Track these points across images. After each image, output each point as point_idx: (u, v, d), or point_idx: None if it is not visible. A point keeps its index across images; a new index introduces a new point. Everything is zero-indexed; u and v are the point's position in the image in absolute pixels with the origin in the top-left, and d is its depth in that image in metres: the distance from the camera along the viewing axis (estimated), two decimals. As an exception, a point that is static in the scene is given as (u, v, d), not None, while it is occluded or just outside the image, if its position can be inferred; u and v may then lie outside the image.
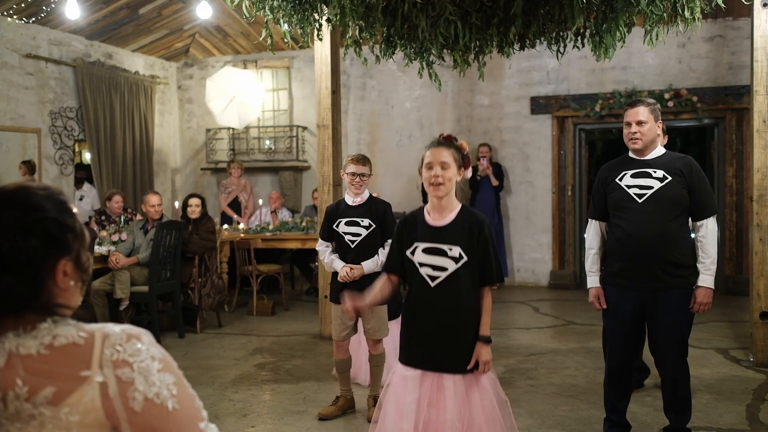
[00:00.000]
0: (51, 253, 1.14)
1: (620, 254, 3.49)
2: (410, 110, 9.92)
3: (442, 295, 2.86)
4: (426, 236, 2.90)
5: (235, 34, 9.99)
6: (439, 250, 2.86)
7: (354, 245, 4.18)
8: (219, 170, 10.62)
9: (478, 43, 4.57)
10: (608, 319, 3.61)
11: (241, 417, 4.27)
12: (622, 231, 3.47)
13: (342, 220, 4.22)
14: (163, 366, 1.12)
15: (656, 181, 3.41)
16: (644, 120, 3.43)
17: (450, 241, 2.86)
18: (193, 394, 1.15)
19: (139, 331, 1.14)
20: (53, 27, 8.55)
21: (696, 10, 4.06)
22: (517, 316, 7.38)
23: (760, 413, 4.19)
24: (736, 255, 8.57)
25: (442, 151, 2.87)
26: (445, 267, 2.85)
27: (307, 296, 8.72)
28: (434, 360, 2.87)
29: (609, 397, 3.67)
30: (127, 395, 1.08)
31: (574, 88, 9.15)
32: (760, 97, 5.19)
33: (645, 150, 3.48)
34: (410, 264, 2.93)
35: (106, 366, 1.08)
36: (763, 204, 5.21)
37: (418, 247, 2.91)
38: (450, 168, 2.86)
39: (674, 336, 3.46)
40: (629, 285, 3.46)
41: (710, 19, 8.44)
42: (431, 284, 2.87)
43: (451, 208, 2.91)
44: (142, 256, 6.33)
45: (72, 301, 1.18)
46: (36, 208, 1.14)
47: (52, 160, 8.66)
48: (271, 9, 4.24)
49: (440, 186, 2.84)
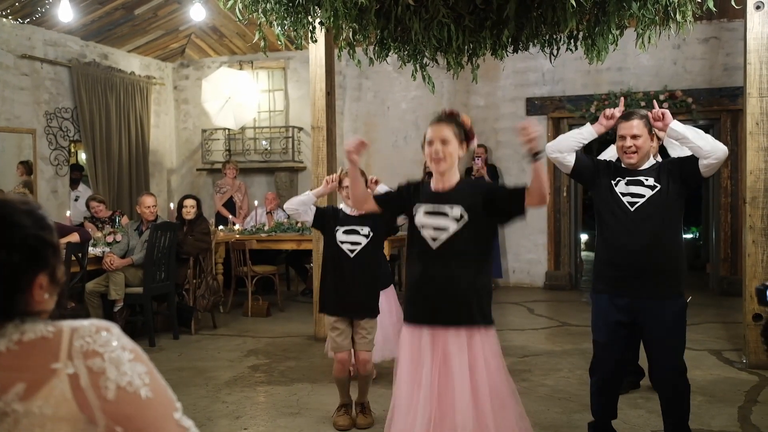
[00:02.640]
0: (30, 268, 1.16)
1: (611, 263, 3.45)
2: (406, 111, 9.93)
3: (443, 256, 2.91)
4: (428, 199, 2.99)
5: (231, 35, 9.99)
6: (440, 212, 2.93)
7: (353, 255, 4.10)
8: (215, 171, 10.62)
9: (472, 46, 4.57)
10: (598, 331, 3.53)
11: (234, 419, 4.27)
12: (613, 240, 3.44)
13: (340, 228, 4.14)
14: (134, 356, 1.13)
15: (647, 189, 3.38)
16: (638, 134, 3.40)
17: (451, 202, 2.92)
18: (165, 385, 1.16)
19: (108, 324, 1.16)
20: (48, 27, 8.54)
21: (687, 14, 4.07)
22: (511, 317, 7.39)
23: (752, 415, 4.20)
24: (731, 256, 8.58)
25: (442, 127, 2.95)
26: (446, 227, 2.91)
27: (303, 297, 8.72)
28: (437, 316, 2.91)
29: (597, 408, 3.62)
30: (99, 384, 1.09)
31: (569, 89, 9.16)
32: (753, 100, 5.21)
33: (638, 164, 3.45)
34: (413, 226, 2.99)
35: (77, 357, 1.09)
36: (756, 206, 5.22)
37: (420, 209, 2.97)
38: (450, 143, 2.93)
39: (666, 350, 3.40)
40: (620, 293, 3.41)
41: (705, 20, 8.46)
42: (432, 246, 2.92)
43: (454, 180, 3.00)
44: (136, 258, 6.33)
45: (44, 308, 1.20)
46: (18, 224, 1.16)
47: (48, 160, 8.65)
48: (264, 12, 4.24)
49: (441, 161, 2.92)
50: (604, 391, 3.58)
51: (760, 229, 5.22)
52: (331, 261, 4.18)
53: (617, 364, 3.55)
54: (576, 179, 3.90)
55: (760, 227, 5.22)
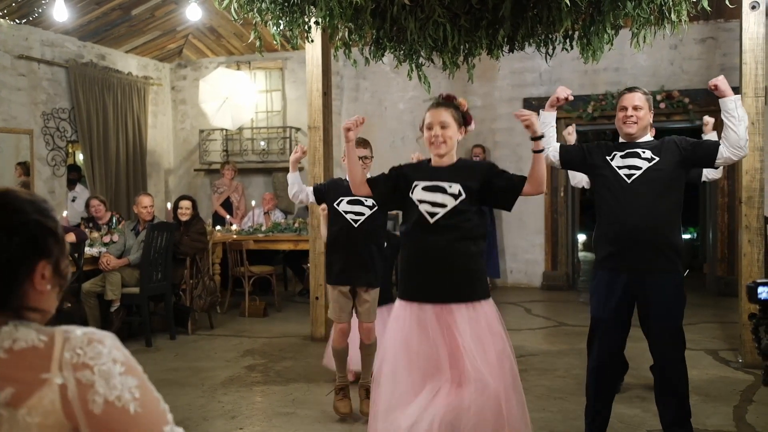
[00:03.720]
0: (31, 255, 1.16)
1: (609, 237, 3.43)
2: (403, 111, 9.93)
3: (440, 231, 2.95)
4: (426, 176, 3.03)
5: (229, 36, 9.99)
6: (439, 188, 2.97)
7: (357, 224, 4.11)
8: (212, 171, 10.61)
9: (467, 46, 4.58)
10: (597, 307, 3.48)
11: (230, 419, 4.27)
12: (611, 213, 3.42)
13: (344, 198, 4.14)
14: (125, 369, 1.11)
15: (644, 162, 3.36)
16: (640, 105, 3.42)
17: (449, 179, 2.96)
18: (158, 397, 1.15)
19: (102, 335, 1.14)
20: (45, 28, 8.53)
21: (682, 13, 4.08)
22: (509, 317, 7.39)
23: (747, 414, 4.21)
24: (728, 257, 8.58)
25: (441, 111, 3.03)
26: (444, 204, 2.94)
27: (300, 297, 8.71)
28: (437, 292, 2.93)
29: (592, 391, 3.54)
30: (86, 398, 1.07)
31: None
32: (748, 99, 5.22)
33: (637, 135, 3.45)
34: (410, 202, 3.02)
35: (66, 369, 1.08)
36: (751, 206, 5.23)
37: (418, 185, 3.01)
38: (449, 127, 3.00)
39: (667, 325, 3.36)
40: (619, 267, 3.37)
41: (702, 20, 8.47)
42: (430, 221, 2.96)
43: (453, 161, 3.07)
44: (133, 258, 6.32)
45: (47, 305, 1.19)
46: (19, 210, 1.16)
47: (45, 161, 8.64)
48: (259, 11, 4.25)
49: (441, 144, 2.99)
50: (601, 370, 3.51)
51: (755, 228, 5.22)
52: (336, 232, 4.20)
53: (616, 343, 3.49)
54: (571, 168, 3.94)
55: (755, 227, 5.22)
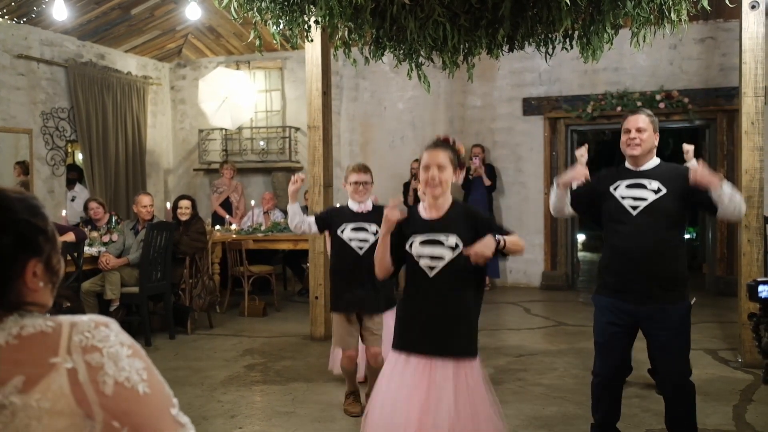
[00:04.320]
0: (21, 253, 1.16)
1: (614, 269, 3.42)
2: (403, 111, 9.93)
3: (439, 284, 2.98)
4: (422, 229, 3.03)
5: (228, 35, 9.99)
6: (436, 241, 2.98)
7: (363, 252, 4.10)
8: (212, 171, 10.61)
9: (467, 45, 4.58)
10: (600, 332, 3.49)
11: (230, 418, 4.27)
12: (616, 245, 3.40)
13: (348, 225, 4.15)
14: (132, 352, 1.14)
15: (651, 193, 3.32)
16: (644, 127, 3.37)
17: (446, 231, 2.98)
18: (162, 381, 1.16)
19: (107, 320, 1.16)
20: (45, 27, 8.53)
21: (682, 13, 4.07)
22: (508, 317, 7.39)
23: (746, 414, 4.21)
24: (728, 256, 8.59)
25: (438, 153, 3.00)
26: (442, 256, 2.97)
27: (299, 297, 8.71)
28: (428, 344, 2.96)
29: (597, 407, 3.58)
30: (97, 379, 1.09)
31: (566, 89, 9.17)
32: (748, 99, 5.22)
33: (642, 158, 3.40)
34: (409, 257, 3.04)
35: (75, 352, 1.10)
36: (751, 205, 5.22)
37: (416, 239, 3.02)
38: (446, 170, 2.99)
39: (671, 355, 3.35)
40: (623, 299, 3.36)
41: (701, 20, 8.48)
42: (429, 274, 2.98)
43: (447, 206, 3.05)
44: (132, 257, 6.32)
45: (42, 300, 1.20)
46: (8, 209, 1.17)
47: (44, 160, 8.64)
48: (258, 10, 4.24)
49: (437, 187, 2.98)
50: (605, 393, 3.54)
51: (755, 228, 5.22)
52: (341, 259, 4.19)
53: (619, 365, 3.51)
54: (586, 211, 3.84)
55: (755, 226, 5.22)
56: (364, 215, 4.19)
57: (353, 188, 4.19)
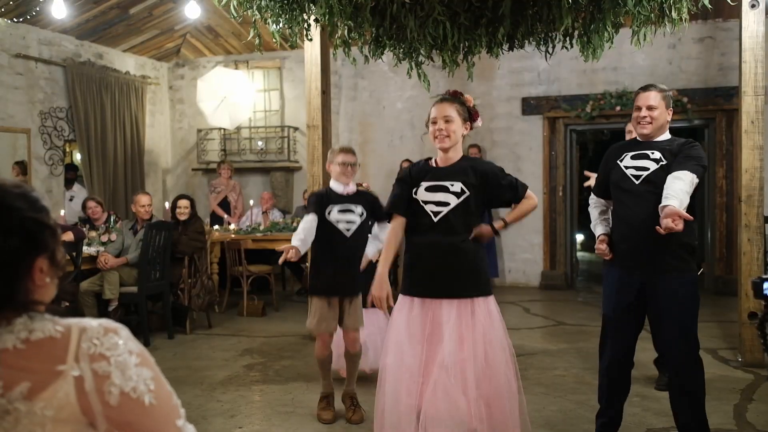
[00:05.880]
0: (29, 252, 1.14)
1: (621, 237, 3.41)
2: (401, 111, 9.92)
3: (443, 229, 3.05)
4: (430, 177, 3.12)
5: (227, 35, 9.98)
6: (442, 187, 3.07)
7: (350, 234, 4.06)
8: (210, 171, 10.59)
9: (467, 44, 4.57)
10: (609, 305, 3.47)
11: (229, 417, 4.26)
12: (621, 214, 3.41)
13: (335, 207, 4.07)
14: (140, 361, 1.11)
15: (653, 163, 3.33)
16: (655, 105, 3.35)
17: (451, 178, 3.07)
18: (170, 391, 1.14)
19: (117, 326, 1.13)
20: (43, 27, 8.51)
21: (683, 11, 4.07)
22: (507, 316, 7.32)
23: (747, 413, 4.20)
24: (726, 256, 8.60)
25: (445, 106, 3.10)
26: (447, 202, 3.05)
27: (298, 297, 8.71)
28: (435, 288, 3.04)
29: (605, 392, 3.53)
30: (103, 389, 1.07)
31: (565, 88, 9.17)
32: (748, 98, 5.22)
33: (652, 135, 3.39)
34: (415, 202, 3.12)
35: (83, 360, 1.07)
36: (751, 204, 5.22)
37: (422, 185, 3.11)
38: (454, 122, 3.08)
39: (678, 325, 3.30)
40: (632, 267, 3.35)
41: (700, 20, 8.48)
42: (434, 219, 3.06)
43: (456, 158, 3.15)
44: (131, 257, 6.30)
45: (46, 297, 1.18)
46: (13, 208, 1.14)
47: (42, 160, 8.62)
48: (258, 9, 4.23)
49: (445, 139, 3.06)
50: (612, 373, 3.49)
51: (755, 227, 5.22)
52: (326, 242, 4.10)
53: (628, 340, 3.46)
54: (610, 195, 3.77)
55: (755, 225, 5.22)
56: (349, 197, 4.11)
57: (341, 169, 4.07)
